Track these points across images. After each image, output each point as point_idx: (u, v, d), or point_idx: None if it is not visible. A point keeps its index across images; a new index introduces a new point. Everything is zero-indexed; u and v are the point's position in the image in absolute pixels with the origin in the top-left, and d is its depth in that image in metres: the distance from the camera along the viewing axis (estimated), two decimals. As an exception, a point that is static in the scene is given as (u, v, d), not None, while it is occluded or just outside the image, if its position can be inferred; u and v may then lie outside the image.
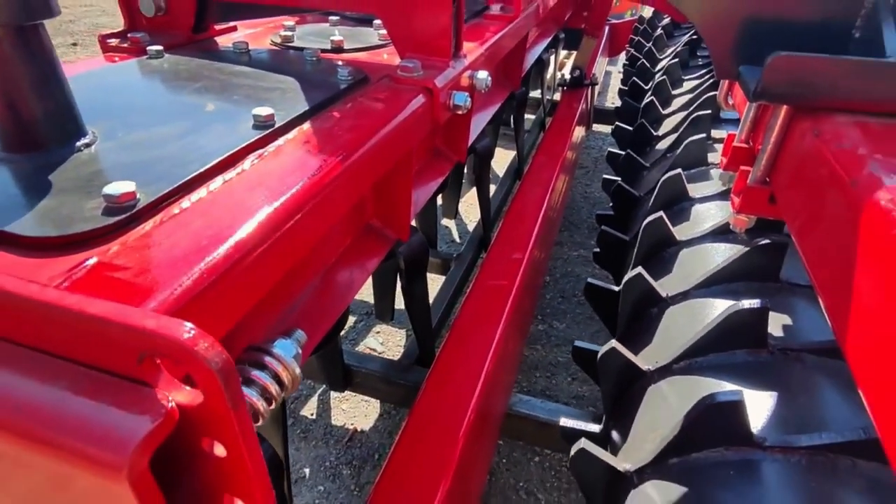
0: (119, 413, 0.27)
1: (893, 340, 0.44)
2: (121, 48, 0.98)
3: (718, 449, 0.68)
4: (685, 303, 0.98)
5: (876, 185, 0.53)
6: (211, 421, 0.28)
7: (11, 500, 0.32)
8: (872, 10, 0.71)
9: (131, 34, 0.98)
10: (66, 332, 0.29)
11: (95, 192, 0.48)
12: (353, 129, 0.69)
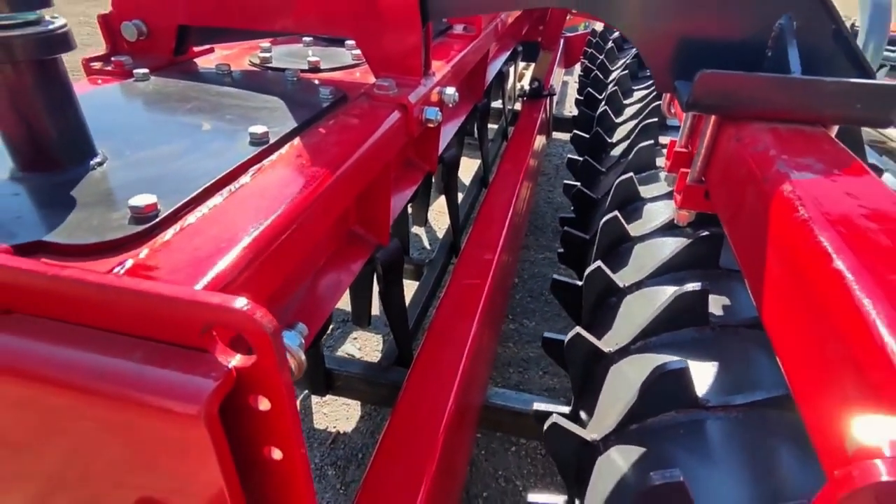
0: (190, 375, 0.34)
1: (796, 308, 0.55)
2: (104, 71, 1.03)
3: (670, 412, 0.78)
4: (640, 291, 1.09)
5: (782, 180, 0.64)
6: (260, 379, 0.36)
7: (101, 462, 0.38)
8: (780, 33, 0.84)
9: (115, 58, 1.03)
10: (137, 314, 0.35)
11: (118, 205, 0.55)
12: (338, 143, 0.77)
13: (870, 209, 0.56)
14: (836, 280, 0.46)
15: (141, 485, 0.39)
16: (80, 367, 0.35)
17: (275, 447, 0.39)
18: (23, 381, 0.36)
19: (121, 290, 0.35)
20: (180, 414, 0.33)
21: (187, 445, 0.35)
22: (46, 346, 0.36)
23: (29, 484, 0.42)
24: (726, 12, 0.86)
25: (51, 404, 0.37)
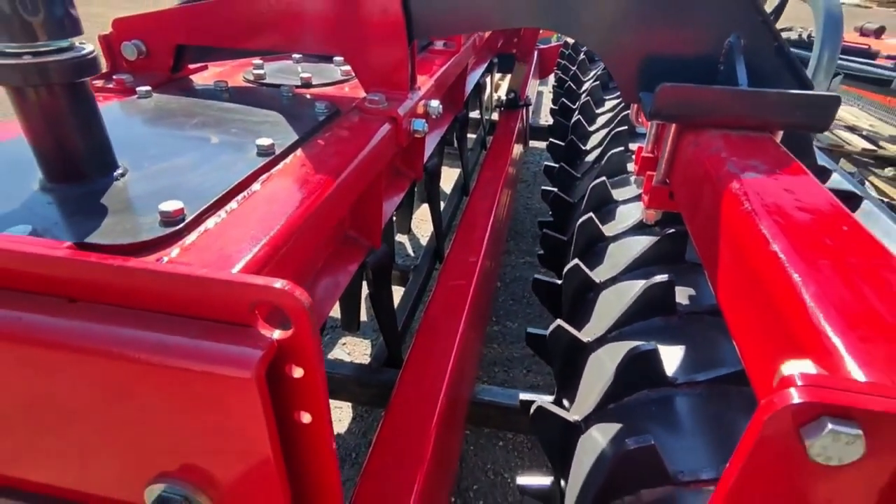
0: (240, 346, 0.40)
1: (742, 283, 0.64)
2: (106, 89, 1.08)
3: (643, 391, 0.87)
4: (614, 286, 1.18)
5: (731, 179, 0.73)
6: (295, 349, 0.42)
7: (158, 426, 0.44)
8: (729, 50, 0.94)
9: (116, 76, 1.09)
10: (189, 297, 0.42)
11: (147, 211, 0.61)
12: (337, 154, 0.84)
13: (803, 203, 0.66)
14: (772, 259, 0.55)
15: (194, 445, 0.45)
16: (143, 344, 0.41)
17: (304, 411, 0.46)
18: (88, 359, 0.42)
19: (179, 276, 0.41)
20: (236, 378, 0.39)
21: (239, 407, 0.41)
22: (111, 327, 0.42)
23: (86, 449, 0.48)
24: (683, 31, 0.96)
25: (113, 378, 0.43)
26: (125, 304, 0.44)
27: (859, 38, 5.80)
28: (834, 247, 0.56)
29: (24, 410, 0.47)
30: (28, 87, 0.60)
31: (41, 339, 0.43)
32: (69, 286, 0.44)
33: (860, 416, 0.35)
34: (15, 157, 0.72)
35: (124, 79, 1.07)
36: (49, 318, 0.43)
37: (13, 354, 0.44)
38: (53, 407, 0.46)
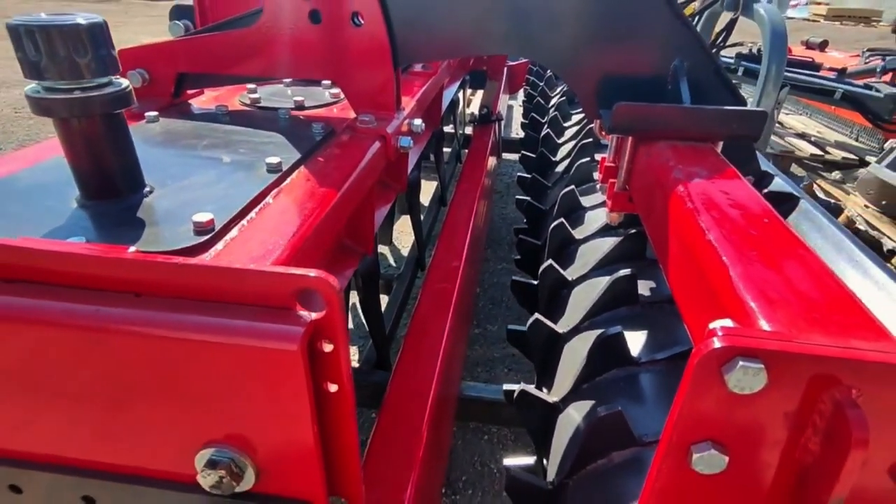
0: (286, 325, 0.50)
1: (685, 266, 0.76)
2: (114, 114, 1.16)
3: (612, 371, 0.99)
4: (585, 282, 1.30)
5: (677, 184, 0.86)
6: (327, 327, 0.52)
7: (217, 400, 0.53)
8: (675, 72, 1.08)
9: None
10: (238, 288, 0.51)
11: (180, 222, 0.70)
12: (335, 170, 0.95)
13: (734, 202, 0.79)
14: (708, 247, 0.68)
15: (242, 413, 0.54)
16: (201, 328, 0.50)
17: (332, 382, 0.56)
18: (153, 343, 0.52)
19: (234, 270, 0.51)
20: (284, 351, 0.49)
21: (284, 377, 0.51)
22: (172, 315, 0.51)
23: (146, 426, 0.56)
24: (634, 56, 1.10)
25: (173, 359, 0.52)
26: (182, 296, 0.53)
27: (805, 51, 6.20)
28: (755, 236, 0.69)
29: (94, 394, 0.56)
30: (73, 117, 0.69)
31: (114, 328, 0.52)
32: (135, 283, 0.53)
33: (762, 355, 0.47)
34: (49, 178, 0.80)
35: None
36: (120, 310, 0.52)
37: (90, 342, 0.53)
38: (121, 389, 0.55)
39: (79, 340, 0.53)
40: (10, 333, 0.54)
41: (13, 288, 0.54)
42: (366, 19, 1.09)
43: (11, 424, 0.60)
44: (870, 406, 0.46)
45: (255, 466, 0.57)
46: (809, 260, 0.64)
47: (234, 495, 0.58)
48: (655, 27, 1.06)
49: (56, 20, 0.64)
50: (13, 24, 0.63)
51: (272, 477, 0.58)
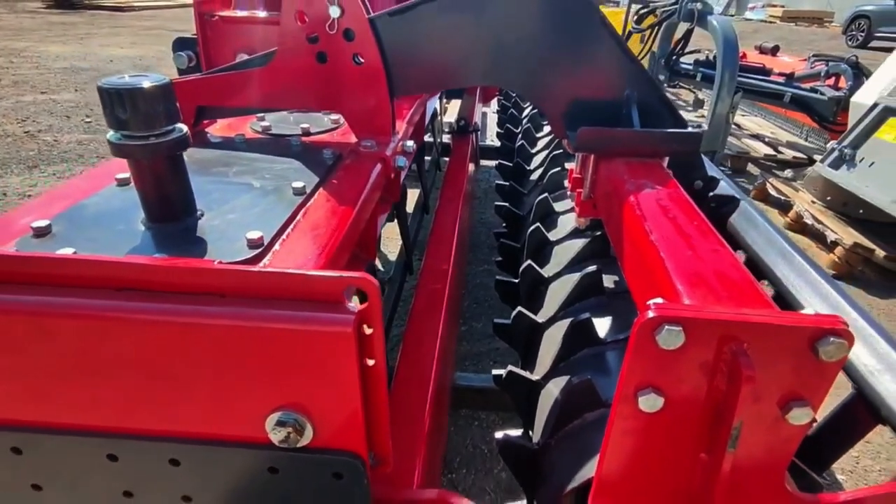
0: (340, 314, 0.68)
1: (635, 261, 0.97)
2: (142, 144, 1.31)
3: (584, 350, 1.19)
4: (559, 279, 1.50)
5: (629, 194, 1.07)
6: (368, 315, 0.70)
7: (286, 374, 0.70)
8: (627, 100, 1.29)
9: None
10: (302, 288, 0.69)
11: (234, 239, 0.87)
12: (349, 189, 1.12)
13: (671, 208, 1.00)
14: (650, 245, 0.88)
15: (304, 383, 0.71)
16: (276, 318, 0.68)
17: (370, 358, 0.74)
18: (237, 333, 0.69)
19: (303, 276, 0.68)
20: (341, 333, 0.67)
21: (339, 353, 0.68)
22: (252, 310, 0.69)
23: (228, 399, 0.73)
24: (593, 87, 1.31)
25: (253, 344, 0.69)
26: (257, 296, 0.70)
27: (759, 55, 6.60)
28: (685, 235, 0.90)
29: (187, 376, 0.72)
30: (146, 159, 0.85)
31: (207, 322, 0.69)
32: (220, 287, 0.70)
33: (681, 321, 0.67)
34: (112, 206, 0.96)
35: (156, 135, 1.31)
36: (212, 308, 0.69)
37: (189, 335, 0.69)
38: (210, 370, 0.72)
39: (180, 334, 0.70)
40: (124, 333, 0.70)
41: (124, 295, 0.71)
42: (365, 59, 1.27)
43: (119, 405, 0.76)
44: (755, 354, 0.67)
45: (313, 425, 0.74)
46: (722, 252, 0.85)
47: (296, 449, 0.75)
48: (609, 64, 1.27)
49: (137, 83, 0.80)
50: (104, 88, 0.79)
51: (326, 433, 0.75)
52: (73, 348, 0.71)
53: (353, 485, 0.78)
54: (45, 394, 0.75)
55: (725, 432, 0.71)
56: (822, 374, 0.69)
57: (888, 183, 3.05)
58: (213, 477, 0.80)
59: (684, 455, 0.78)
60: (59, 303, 0.70)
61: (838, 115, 4.65)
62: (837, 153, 3.51)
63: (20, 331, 0.70)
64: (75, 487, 0.83)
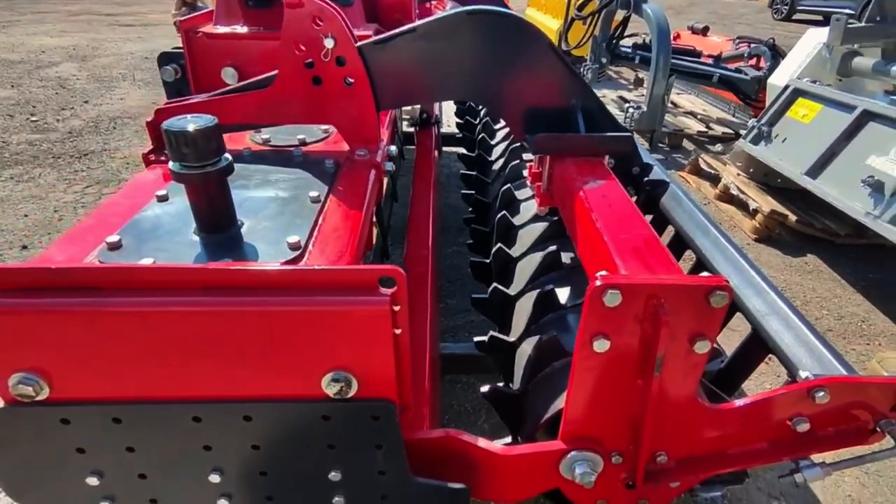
0: (376, 297, 0.92)
1: (584, 242, 1.26)
2: (160, 161, 1.49)
3: (549, 315, 1.48)
4: (526, 258, 1.79)
5: (578, 188, 1.35)
6: (396, 297, 0.94)
7: (337, 345, 0.94)
8: (573, 108, 1.57)
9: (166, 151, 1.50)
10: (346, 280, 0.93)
11: (276, 243, 1.09)
12: (353, 194, 1.36)
13: (610, 199, 1.29)
14: (595, 230, 1.17)
15: (351, 349, 0.96)
16: (330, 302, 0.92)
17: (397, 328, 0.99)
18: (298, 316, 0.92)
19: (348, 270, 0.92)
20: (379, 311, 0.91)
21: (377, 326, 0.93)
22: (309, 297, 0.92)
23: (291, 366, 0.97)
24: (545, 98, 1.57)
25: (312, 323, 0.93)
26: (312, 287, 0.94)
27: (691, 35, 7.06)
28: (621, 221, 1.20)
29: (262, 351, 0.96)
30: (200, 184, 1.06)
31: (279, 310, 0.92)
32: (282, 283, 0.94)
33: (618, 287, 0.96)
34: (163, 220, 1.16)
35: (172, 152, 1.49)
36: (279, 298, 0.92)
37: (264, 320, 0.92)
38: (279, 345, 0.95)
39: (255, 320, 0.93)
40: (210, 323, 0.92)
41: (210, 293, 0.93)
42: (355, 80, 1.49)
43: (204, 378, 0.98)
44: (670, 305, 0.97)
45: (358, 380, 0.99)
46: (647, 233, 1.15)
47: (345, 399, 1.00)
48: (557, 79, 1.54)
49: (195, 125, 1.01)
50: (169, 130, 0.99)
51: (367, 386, 1.00)
52: (168, 337, 0.92)
53: (388, 424, 1.04)
54: (143, 374, 0.97)
55: (652, 362, 1.02)
56: (714, 317, 1.00)
57: (798, 157, 3.50)
58: (278, 428, 1.04)
59: (626, 382, 1.08)
60: (157, 301, 0.91)
61: (760, 93, 5.14)
62: (757, 130, 3.96)
63: (125, 326, 0.91)
64: (164, 446, 1.05)
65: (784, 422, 1.17)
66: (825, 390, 1.10)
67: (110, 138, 4.96)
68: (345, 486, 1.11)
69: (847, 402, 1.14)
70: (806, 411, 1.14)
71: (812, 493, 1.85)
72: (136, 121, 5.53)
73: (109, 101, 6.13)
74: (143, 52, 8.78)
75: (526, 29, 1.47)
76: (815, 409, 1.13)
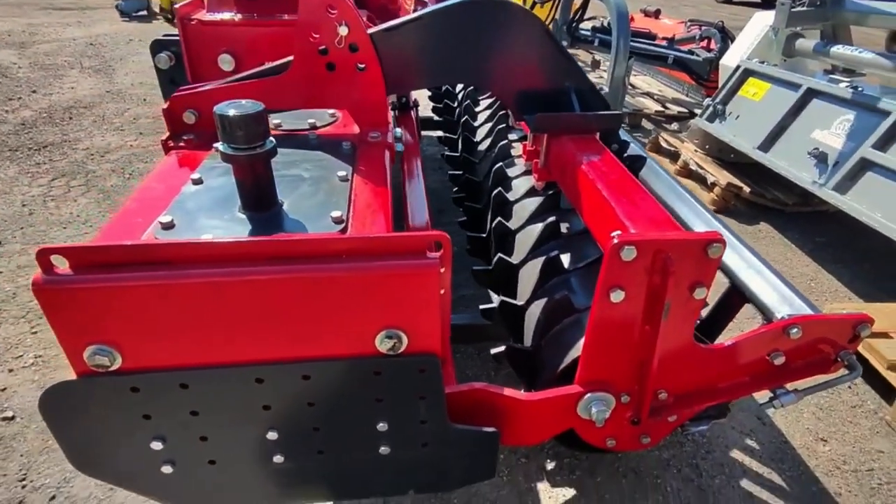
0: (426, 260, 1.03)
1: (587, 207, 1.41)
2: (178, 147, 1.54)
3: (553, 278, 1.63)
4: (523, 230, 1.94)
5: (579, 161, 1.50)
6: (442, 259, 1.06)
7: (391, 303, 1.05)
8: (567, 90, 1.71)
9: (185, 136, 1.55)
10: (396, 246, 1.04)
11: (320, 218, 1.19)
12: (375, 173, 1.45)
13: (608, 169, 1.45)
14: (600, 196, 1.32)
15: (403, 307, 1.07)
16: (386, 266, 1.02)
17: (443, 288, 1.11)
18: (354, 279, 1.03)
19: (401, 236, 1.03)
20: (429, 272, 1.02)
21: (427, 284, 1.04)
22: (363, 264, 1.02)
23: (345, 326, 1.07)
24: (541, 80, 1.71)
25: (366, 284, 1.03)
26: (366, 253, 1.04)
27: (644, 18, 7.35)
28: (622, 189, 1.35)
29: (322, 313, 1.06)
30: (248, 165, 1.14)
31: (335, 276, 1.02)
32: (340, 251, 1.04)
33: (633, 243, 1.11)
34: (204, 199, 1.23)
35: (191, 138, 1.54)
36: (338, 265, 1.02)
37: (322, 285, 1.02)
38: (335, 307, 1.05)
39: (316, 286, 1.03)
40: (275, 290, 1.01)
41: (277, 261, 1.01)
42: (366, 66, 1.57)
43: (266, 342, 1.07)
44: (675, 258, 1.13)
45: (408, 336, 1.11)
46: (647, 198, 1.31)
47: (396, 355, 1.12)
48: (553, 63, 1.67)
49: (244, 110, 1.08)
50: (222, 114, 1.07)
51: (416, 341, 1.12)
52: (236, 305, 1.01)
53: (432, 376, 1.16)
54: (211, 341, 1.05)
55: (659, 309, 1.18)
56: (710, 266, 1.17)
57: (749, 132, 3.79)
58: (333, 385, 1.14)
59: (636, 329, 1.25)
60: (227, 272, 1.00)
61: (711, 74, 5.46)
62: (711, 108, 4.24)
63: (196, 297, 0.99)
64: (226, 408, 1.14)
65: (764, 357, 1.36)
66: (798, 327, 1.30)
67: (68, 129, 4.77)
68: (390, 436, 1.23)
69: (815, 337, 1.35)
70: (782, 347, 1.34)
71: (777, 428, 2.10)
72: (92, 111, 5.32)
73: (60, 90, 5.84)
74: (87, 38, 8.35)
75: (525, 16, 1.60)
76: (789, 344, 1.34)
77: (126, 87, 6.12)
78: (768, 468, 1.93)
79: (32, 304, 2.56)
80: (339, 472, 1.29)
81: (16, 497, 1.70)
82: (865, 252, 3.43)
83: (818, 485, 1.89)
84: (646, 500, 1.78)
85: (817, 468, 1.95)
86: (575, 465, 1.88)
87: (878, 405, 2.26)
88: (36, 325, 2.44)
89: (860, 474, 1.94)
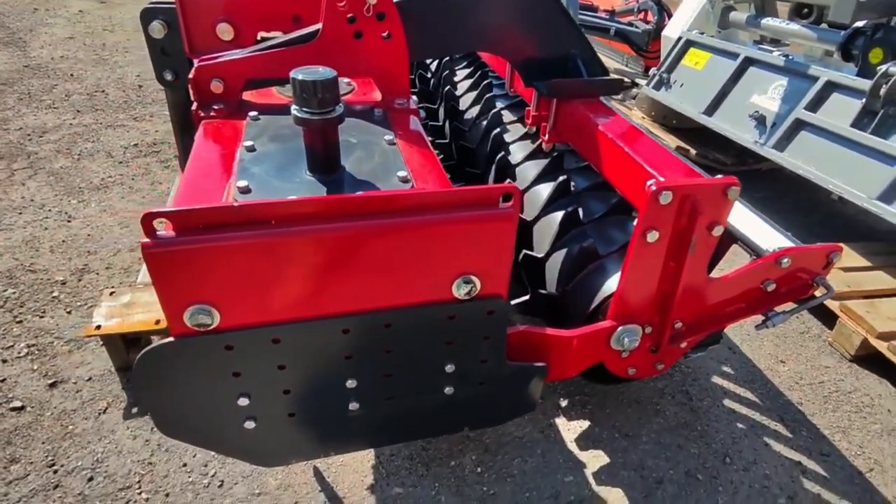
0: (502, 210, 1.14)
1: (614, 167, 1.57)
2: (209, 116, 1.54)
3: (570, 231, 1.79)
4: (531, 189, 2.08)
5: (594, 122, 1.65)
6: (514, 207, 1.18)
7: (467, 251, 1.16)
8: (573, 57, 1.84)
9: (214, 105, 1.54)
10: (470, 198, 1.14)
11: (387, 178, 1.26)
12: (413, 136, 1.53)
13: (622, 127, 1.61)
14: (626, 154, 1.48)
15: (477, 254, 1.17)
16: (465, 217, 1.12)
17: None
18: (430, 231, 1.12)
19: (479, 189, 1.13)
20: (506, 221, 1.13)
21: (503, 232, 1.15)
22: (447, 214, 1.12)
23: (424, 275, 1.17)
24: (552, 48, 1.83)
25: (450, 234, 1.13)
26: (446, 205, 1.14)
27: (583, -9, 7.58)
28: (640, 143, 1.52)
29: (403, 264, 1.14)
30: (319, 129, 1.19)
31: (420, 226, 1.11)
32: (428, 204, 1.12)
33: (670, 188, 1.28)
34: (265, 166, 1.27)
35: (221, 107, 1.54)
36: (423, 217, 1.11)
37: (406, 236, 1.11)
38: (416, 257, 1.14)
39: (400, 237, 1.11)
40: (362, 243, 1.08)
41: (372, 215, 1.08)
42: (393, 34, 1.63)
43: (353, 294, 1.14)
44: (701, 200, 1.31)
45: (481, 281, 1.22)
46: (663, 149, 1.49)
47: (470, 299, 1.23)
48: (563, 32, 1.80)
49: (320, 75, 1.13)
50: (303, 80, 1.11)
51: (487, 286, 1.23)
52: (329, 259, 1.08)
53: (500, 317, 1.29)
54: (304, 295, 1.12)
55: (687, 243, 1.37)
56: (727, 206, 1.36)
57: (694, 99, 4.13)
58: (411, 331, 1.24)
59: (664, 265, 1.43)
60: (324, 228, 1.06)
61: (650, 45, 5.80)
62: (658, 78, 4.54)
63: (293, 254, 1.05)
64: (311, 359, 1.21)
65: (758, 285, 1.60)
66: (789, 257, 1.53)
67: (-8, 109, 4.35)
68: (455, 377, 1.35)
69: (799, 266, 1.60)
70: (774, 275, 1.58)
71: (745, 355, 2.42)
72: (13, 87, 4.86)
73: (-32, 66, 5.27)
74: (-14, 8, 7.48)
75: (538, -14, 1.70)
76: (780, 273, 1.57)
77: (46, 62, 5.60)
78: (743, 388, 2.23)
79: (8, 293, 2.42)
80: (404, 415, 1.39)
81: (50, 482, 1.67)
82: (796, 203, 3.88)
83: (783, 397, 2.22)
84: (650, 424, 2.02)
85: (781, 384, 2.28)
86: (586, 401, 2.09)
87: (821, 330, 2.64)
88: (18, 314, 2.31)
89: (814, 386, 2.29)
